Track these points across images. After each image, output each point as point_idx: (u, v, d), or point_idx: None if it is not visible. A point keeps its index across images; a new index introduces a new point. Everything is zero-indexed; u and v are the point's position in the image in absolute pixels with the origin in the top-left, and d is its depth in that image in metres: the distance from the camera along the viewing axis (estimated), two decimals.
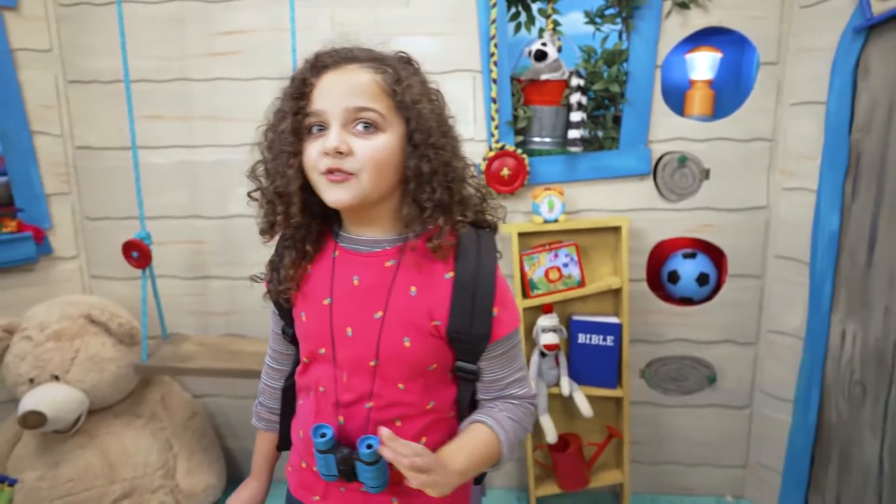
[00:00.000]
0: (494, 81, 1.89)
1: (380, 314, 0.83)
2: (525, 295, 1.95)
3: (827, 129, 1.78)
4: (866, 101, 1.70)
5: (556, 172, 1.97)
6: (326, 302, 0.86)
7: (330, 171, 0.78)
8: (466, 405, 0.91)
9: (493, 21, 1.86)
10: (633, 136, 1.93)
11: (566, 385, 1.95)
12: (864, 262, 1.74)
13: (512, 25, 2.00)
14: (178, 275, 2.11)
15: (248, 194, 0.88)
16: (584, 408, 1.94)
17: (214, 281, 2.12)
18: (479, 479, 1.00)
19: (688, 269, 2.01)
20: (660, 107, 1.91)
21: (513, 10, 1.99)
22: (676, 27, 1.85)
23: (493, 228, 0.92)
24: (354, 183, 0.79)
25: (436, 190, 0.81)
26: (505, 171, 1.93)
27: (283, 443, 1.04)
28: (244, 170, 0.90)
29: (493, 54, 1.88)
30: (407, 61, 0.88)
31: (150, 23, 1.96)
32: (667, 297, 2.07)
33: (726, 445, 2.13)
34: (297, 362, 0.97)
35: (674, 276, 2.02)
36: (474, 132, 1.97)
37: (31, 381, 1.83)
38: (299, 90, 0.80)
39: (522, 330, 1.93)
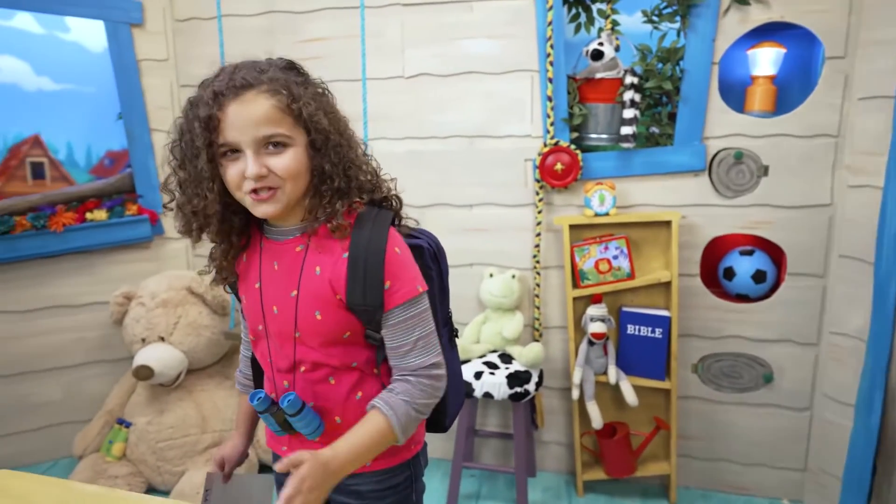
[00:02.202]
0: (550, 80, 1.99)
1: (294, 293, 0.94)
2: (575, 284, 2.04)
3: None
4: None
5: (610, 168, 2.03)
6: (257, 286, 0.98)
7: (254, 191, 0.88)
8: (381, 364, 1.00)
9: (550, 23, 1.95)
10: (688, 133, 1.95)
11: (613, 373, 2.01)
12: None
13: (571, 27, 2.08)
14: None
15: (164, 206, 0.97)
16: (630, 396, 1.99)
17: None
18: (438, 427, 1.12)
19: (744, 265, 2.00)
20: (716, 103, 1.92)
21: (573, 11, 2.07)
22: (734, 24, 1.86)
23: (390, 201, 1.01)
24: (280, 195, 0.89)
25: (335, 181, 0.91)
26: (558, 166, 2.02)
27: None
28: None
29: (549, 55, 1.97)
30: (292, 68, 0.94)
31: (246, 33, 2.24)
32: (722, 293, 2.07)
33: (784, 447, 2.09)
34: None
35: (729, 273, 2.02)
36: (531, 129, 2.08)
37: (143, 340, 2.16)
38: (207, 124, 0.86)
39: (571, 318, 2.03)
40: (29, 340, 2.30)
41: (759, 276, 1.98)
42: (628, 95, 1.92)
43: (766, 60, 1.92)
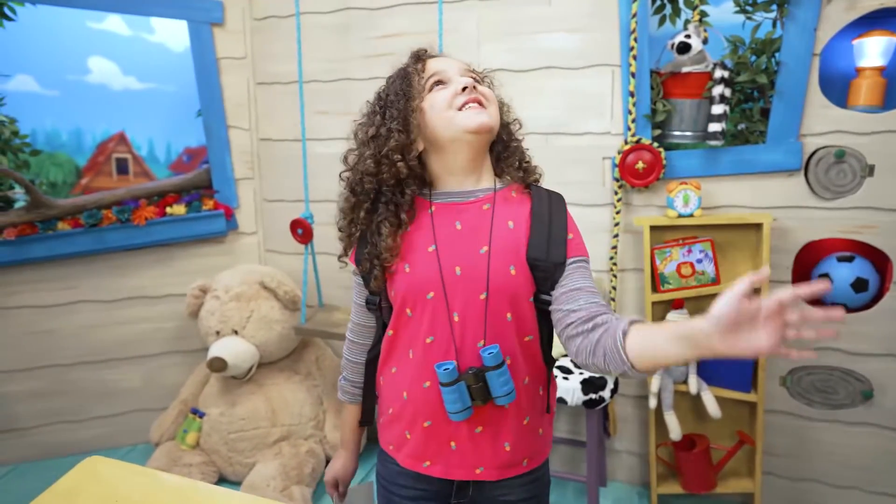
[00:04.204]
0: (633, 75, 1.90)
1: (485, 249, 0.92)
2: (655, 289, 1.94)
3: None
4: None
5: (695, 167, 1.93)
6: (431, 249, 0.94)
7: (468, 102, 0.93)
8: (547, 340, 0.98)
9: (634, 15, 1.87)
10: (783, 130, 1.82)
11: (694, 383, 1.90)
12: None
13: (655, 19, 1.99)
14: (335, 252, 2.37)
15: (340, 175, 1.02)
16: (712, 408, 1.88)
17: None
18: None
19: (842, 273, 1.85)
20: (816, 98, 1.79)
21: (658, 2, 1.98)
22: (840, 11, 1.72)
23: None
24: (490, 110, 0.95)
25: (511, 139, 1.03)
26: (640, 165, 1.93)
27: (366, 417, 1.13)
28: None
29: (632, 48, 1.89)
30: None
31: (322, 30, 2.25)
32: (816, 302, 1.93)
33: (885, 471, 1.92)
34: (379, 335, 1.04)
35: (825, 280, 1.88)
36: (610, 126, 2.00)
37: (217, 333, 2.21)
38: (414, 65, 0.98)
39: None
40: (113, 329, 2.39)
41: (859, 285, 1.83)
42: (718, 90, 1.81)
43: (874, 50, 1.77)
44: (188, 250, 2.44)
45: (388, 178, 0.95)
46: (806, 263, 1.94)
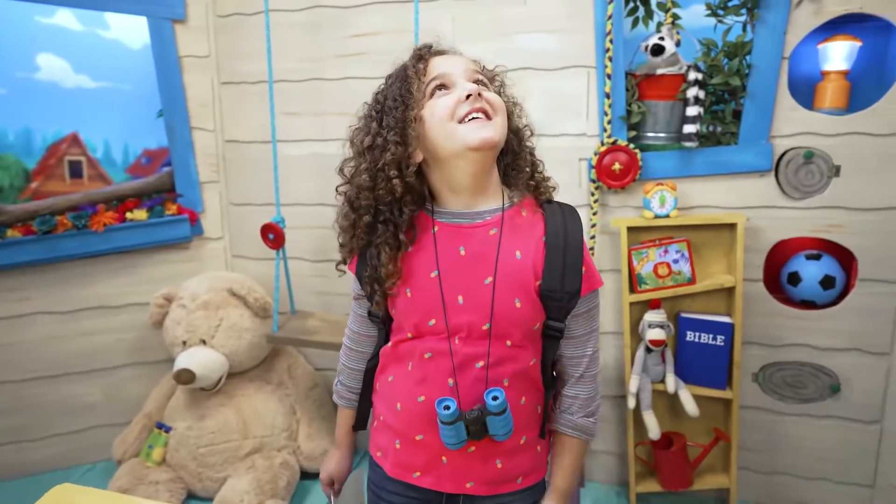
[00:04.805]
0: (609, 77, 1.91)
1: (490, 279, 0.89)
2: (632, 289, 1.95)
3: None
4: None
5: (670, 168, 1.95)
6: (434, 275, 0.90)
7: (472, 113, 0.86)
8: (550, 364, 0.96)
9: (610, 17, 1.87)
10: (754, 131, 1.86)
11: (671, 382, 1.93)
12: None
13: (629, 21, 2.00)
14: (307, 257, 2.32)
15: (337, 189, 0.97)
16: (690, 406, 1.90)
17: None
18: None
19: (810, 271, 1.90)
20: (785, 100, 1.83)
21: (630, 4, 1.99)
22: (808, 15, 1.77)
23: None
24: (495, 122, 0.88)
25: (522, 148, 0.97)
26: (616, 166, 1.94)
27: (359, 423, 1.12)
28: None
29: (608, 50, 1.89)
30: None
31: (291, 28, 2.18)
32: (786, 299, 1.98)
33: (851, 461, 1.99)
34: (379, 345, 1.02)
35: (794, 278, 1.92)
36: (586, 127, 2.00)
37: (184, 343, 2.12)
38: (418, 58, 0.92)
39: (628, 324, 1.95)
40: (71, 341, 2.26)
41: (827, 282, 1.88)
42: (692, 92, 1.83)
43: (838, 55, 1.82)
44: (151, 257, 2.33)
45: (385, 196, 0.89)
46: (775, 262, 1.98)
